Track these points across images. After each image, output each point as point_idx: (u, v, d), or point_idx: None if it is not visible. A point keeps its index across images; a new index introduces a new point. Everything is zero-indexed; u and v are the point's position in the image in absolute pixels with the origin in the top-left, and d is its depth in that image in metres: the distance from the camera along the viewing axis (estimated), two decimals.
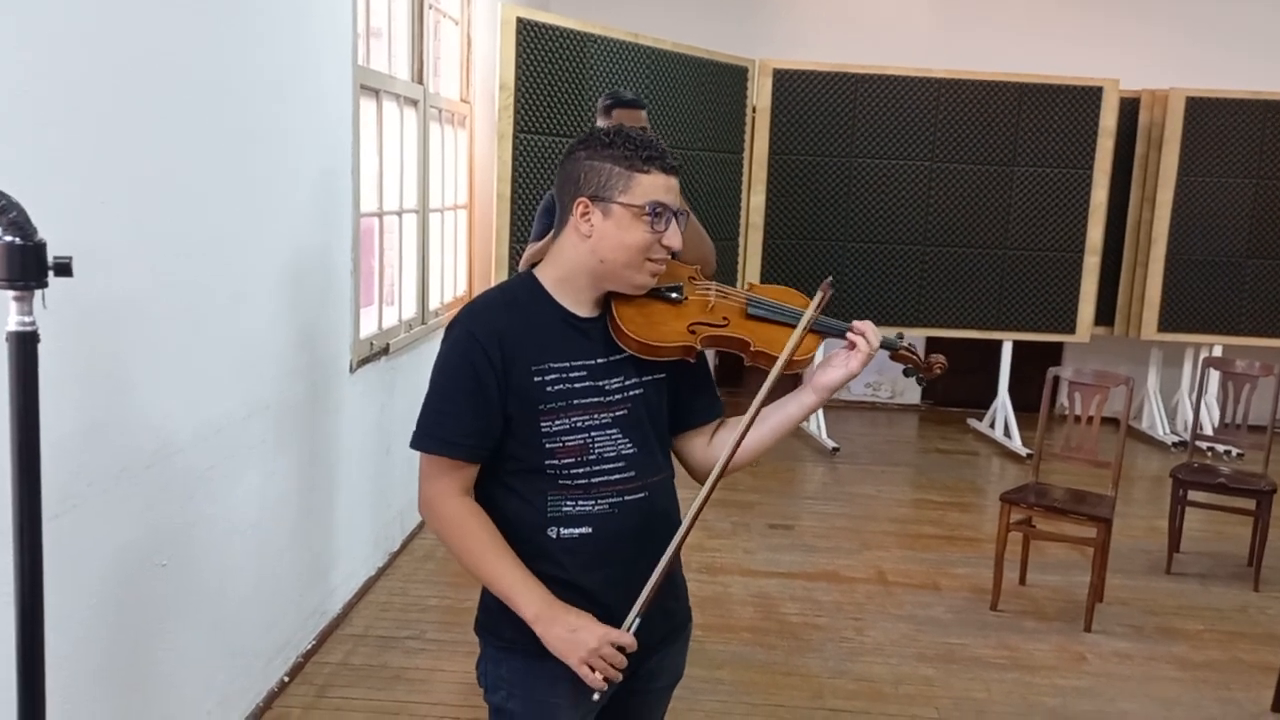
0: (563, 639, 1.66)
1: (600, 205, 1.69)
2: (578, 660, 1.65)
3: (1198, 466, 5.01)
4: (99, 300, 2.30)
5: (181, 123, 2.64)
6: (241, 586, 3.12)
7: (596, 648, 1.65)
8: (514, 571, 1.69)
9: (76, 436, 2.25)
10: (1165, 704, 3.59)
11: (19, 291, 1.46)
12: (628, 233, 1.68)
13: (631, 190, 1.68)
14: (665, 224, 1.70)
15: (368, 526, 4.26)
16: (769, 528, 5.21)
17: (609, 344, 1.76)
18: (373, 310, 4.49)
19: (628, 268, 1.71)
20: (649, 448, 1.79)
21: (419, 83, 4.85)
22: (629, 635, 1.68)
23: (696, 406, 1.89)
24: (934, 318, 6.97)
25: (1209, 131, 6.93)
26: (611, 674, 1.66)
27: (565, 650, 1.66)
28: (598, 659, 1.65)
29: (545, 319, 1.74)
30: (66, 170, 2.19)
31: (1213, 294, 7.10)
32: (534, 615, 1.67)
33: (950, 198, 6.87)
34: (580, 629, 1.66)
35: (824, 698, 3.52)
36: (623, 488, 1.75)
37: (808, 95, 6.74)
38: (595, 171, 1.69)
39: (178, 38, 2.60)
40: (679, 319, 1.79)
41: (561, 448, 1.71)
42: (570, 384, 1.72)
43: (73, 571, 2.26)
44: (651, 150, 1.69)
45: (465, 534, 1.71)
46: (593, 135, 1.73)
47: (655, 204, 1.68)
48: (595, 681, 1.65)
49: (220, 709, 3.00)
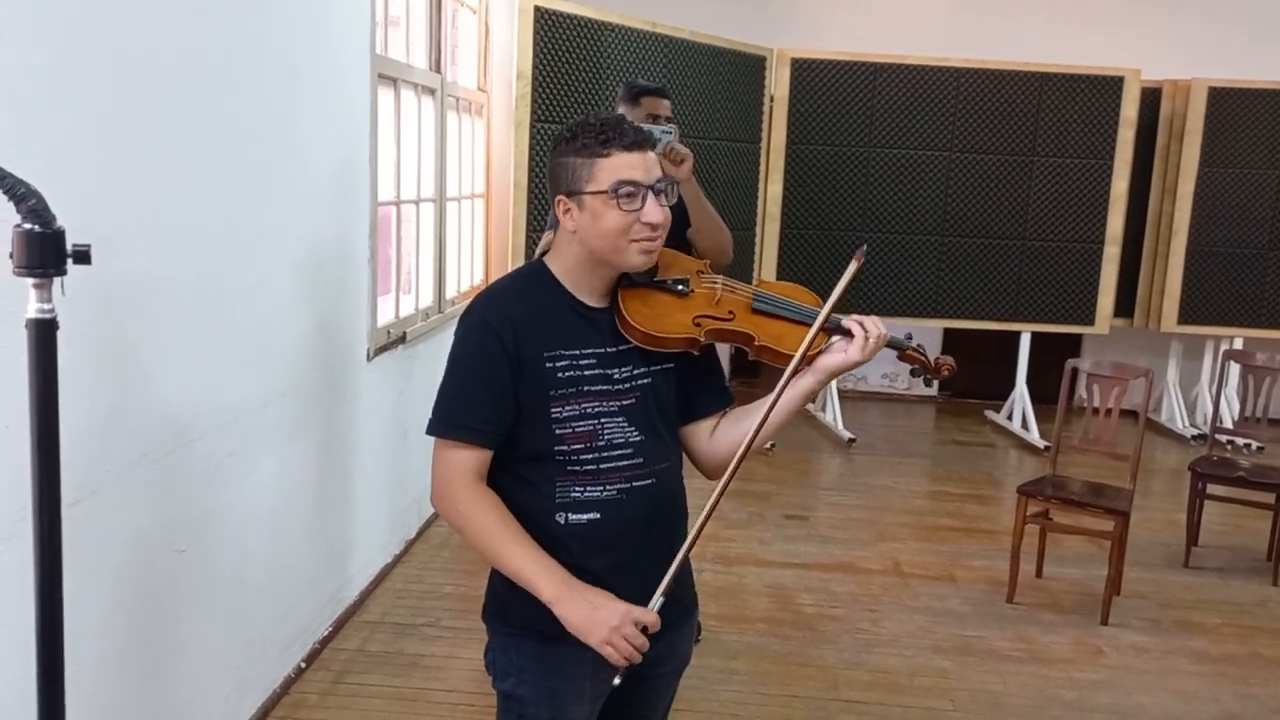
0: (584, 617, 1.63)
1: (574, 199, 1.70)
2: (599, 640, 1.61)
3: (1217, 460, 4.98)
4: (116, 288, 2.31)
5: (199, 112, 2.64)
6: (259, 573, 3.13)
7: (618, 625, 1.61)
8: (530, 552, 1.68)
9: (95, 424, 2.26)
10: (1183, 698, 3.57)
11: (38, 279, 1.46)
12: (602, 219, 1.68)
13: (595, 177, 1.67)
14: (640, 201, 1.67)
15: (384, 514, 4.28)
16: (784, 518, 5.21)
17: (617, 334, 1.76)
18: (390, 299, 4.50)
19: (614, 252, 1.71)
20: (657, 435, 1.80)
21: (437, 71, 4.84)
22: (653, 613, 1.64)
23: (701, 398, 1.90)
24: (952, 309, 6.94)
25: (1232, 122, 6.85)
26: (632, 654, 1.62)
27: (586, 629, 1.63)
28: (619, 638, 1.61)
29: (556, 307, 1.75)
30: (84, 159, 2.19)
31: (1234, 286, 7.03)
32: (553, 595, 1.64)
33: (969, 188, 6.82)
34: (601, 607, 1.64)
35: (839, 689, 3.51)
36: (631, 474, 1.75)
37: (826, 84, 6.70)
38: (563, 168, 1.71)
39: (196, 26, 2.60)
40: (684, 311, 1.79)
41: (571, 433, 1.72)
42: (580, 371, 1.73)
43: (91, 558, 2.28)
44: (609, 132, 1.68)
45: (481, 519, 1.69)
46: (561, 133, 1.74)
47: (619, 183, 1.66)
48: (617, 660, 1.61)
49: (237, 694, 3.02)
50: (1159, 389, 7.54)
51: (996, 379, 7.69)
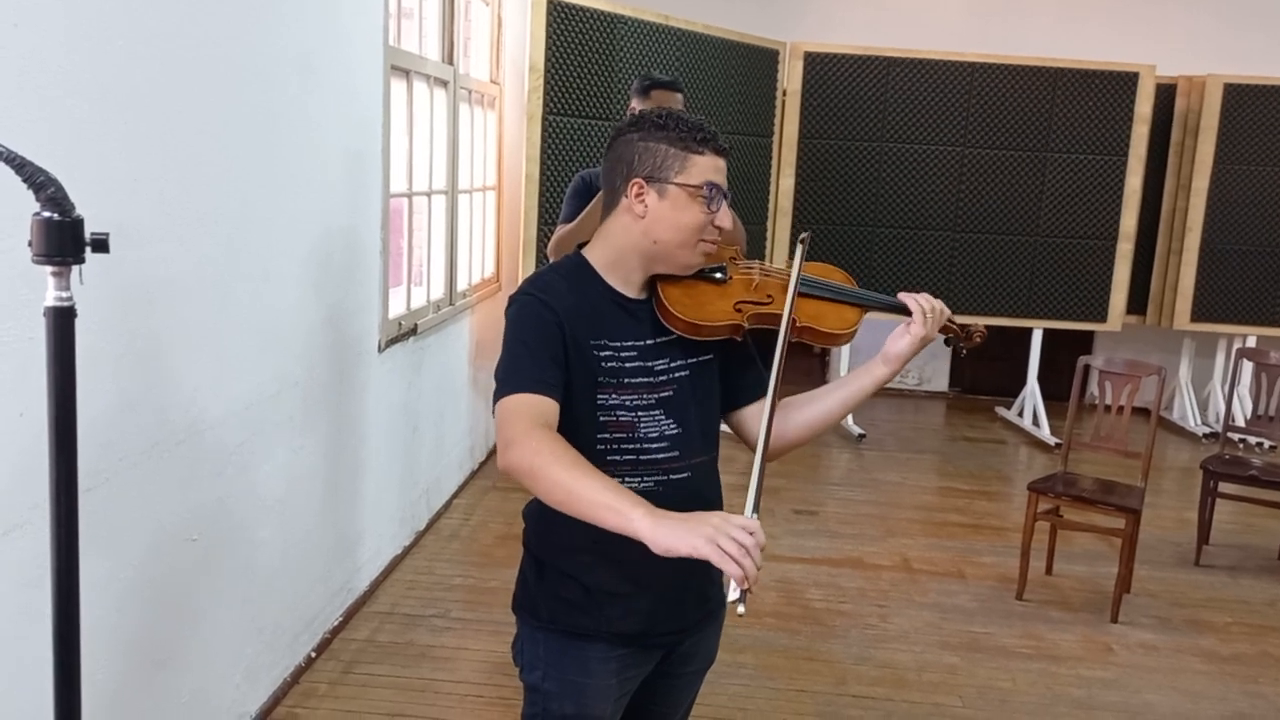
0: (684, 523, 1.41)
1: (655, 186, 1.69)
2: (703, 539, 1.38)
3: (1229, 458, 4.96)
4: (130, 277, 2.32)
5: (213, 103, 2.65)
6: (270, 562, 3.15)
7: (720, 524, 1.40)
8: (613, 483, 1.52)
9: (109, 412, 2.27)
10: (1191, 697, 3.56)
11: (57, 267, 1.47)
12: (683, 213, 1.69)
13: (687, 171, 1.68)
14: (718, 204, 1.71)
15: (394, 504, 4.29)
16: (794, 513, 5.21)
17: (657, 326, 1.76)
18: (401, 290, 4.51)
19: (682, 248, 1.72)
20: (692, 429, 1.79)
21: (449, 63, 4.84)
22: (753, 520, 1.44)
23: (746, 384, 1.89)
24: (964, 304, 6.91)
25: (1247, 119, 6.82)
26: (747, 561, 1.37)
27: (685, 532, 1.40)
28: (725, 538, 1.37)
29: (598, 298, 1.75)
30: (101, 149, 2.20)
31: (1247, 284, 7.00)
32: (644, 513, 1.43)
33: (982, 183, 6.80)
34: (694, 514, 1.44)
35: (847, 684, 3.51)
36: (668, 466, 1.75)
37: (838, 78, 6.68)
38: (650, 153, 1.70)
39: (210, 18, 2.61)
40: (724, 298, 1.80)
41: (614, 421, 1.72)
42: (622, 363, 1.73)
43: (103, 545, 2.29)
44: (705, 132, 1.71)
45: (554, 458, 1.52)
46: (644, 117, 1.73)
47: (710, 184, 1.69)
48: (734, 570, 1.36)
49: (248, 683, 3.03)
50: (1171, 387, 7.51)
51: (1008, 375, 7.68)
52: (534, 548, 1.84)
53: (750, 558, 1.37)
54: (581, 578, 1.77)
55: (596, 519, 1.47)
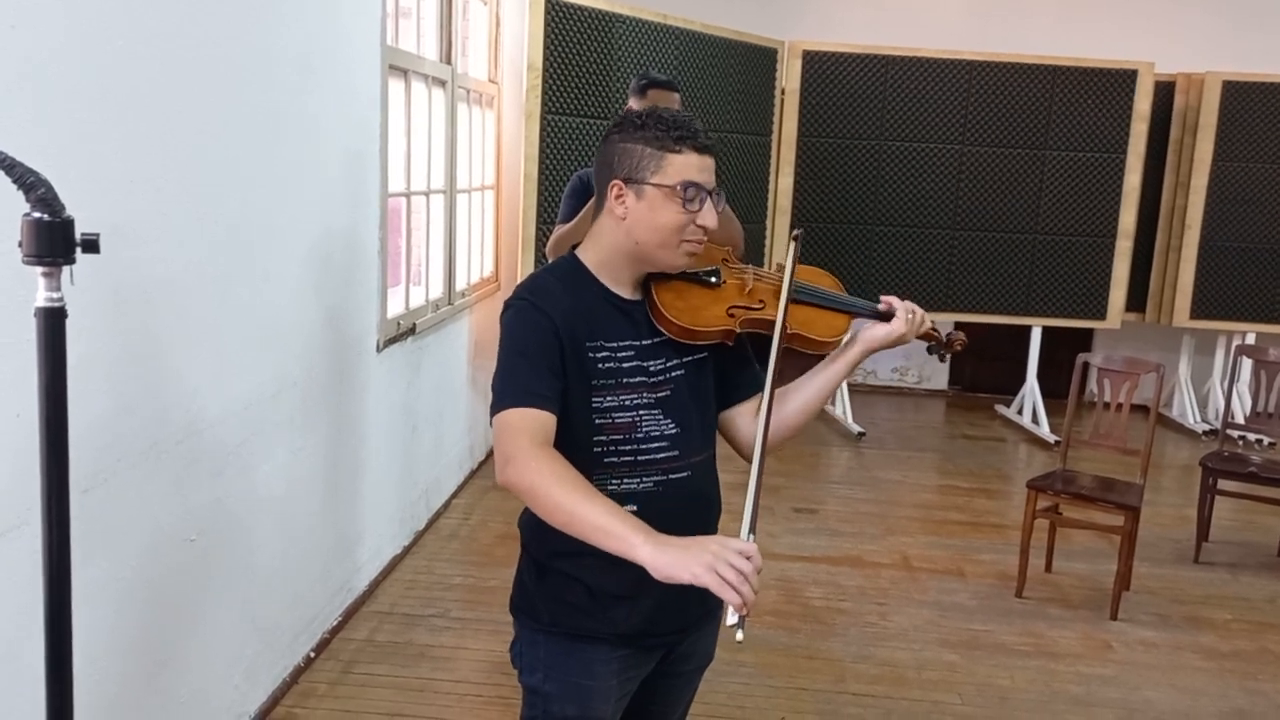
0: (685, 551, 1.44)
1: (633, 187, 1.69)
2: (703, 567, 1.40)
3: (1228, 455, 4.96)
4: (128, 278, 2.32)
5: (210, 102, 2.65)
6: (269, 562, 3.15)
7: (719, 550, 1.42)
8: (612, 505, 1.54)
9: (106, 412, 2.27)
10: (1191, 694, 3.56)
11: (47, 267, 1.47)
12: (660, 213, 1.68)
13: (663, 170, 1.67)
14: (699, 204, 1.69)
15: (393, 504, 4.29)
16: (794, 511, 5.21)
17: (651, 326, 1.76)
18: (400, 290, 4.51)
19: (662, 248, 1.71)
20: (692, 428, 1.79)
21: (447, 63, 4.84)
22: (750, 543, 1.46)
23: (739, 383, 1.89)
24: (963, 302, 6.91)
25: (1246, 116, 6.81)
26: (745, 588, 1.40)
27: (687, 560, 1.42)
28: (724, 565, 1.40)
29: (594, 299, 1.74)
30: (97, 149, 2.20)
31: (1246, 281, 7.00)
32: (645, 539, 1.46)
33: (981, 181, 6.80)
34: (694, 541, 1.46)
35: (846, 682, 3.51)
36: (667, 466, 1.75)
37: (837, 77, 6.68)
38: (627, 153, 1.69)
39: (209, 18, 2.61)
40: (717, 303, 1.80)
41: (610, 424, 1.71)
42: (619, 363, 1.72)
43: (103, 545, 2.29)
44: (683, 129, 1.68)
45: (554, 480, 1.54)
46: (626, 118, 1.73)
47: (687, 183, 1.67)
48: (732, 598, 1.39)
49: (247, 683, 3.03)
50: (1170, 384, 7.51)
51: (1007, 373, 7.68)
52: (534, 551, 1.83)
53: (748, 584, 1.40)
54: (585, 580, 1.76)
55: (598, 543, 1.50)
